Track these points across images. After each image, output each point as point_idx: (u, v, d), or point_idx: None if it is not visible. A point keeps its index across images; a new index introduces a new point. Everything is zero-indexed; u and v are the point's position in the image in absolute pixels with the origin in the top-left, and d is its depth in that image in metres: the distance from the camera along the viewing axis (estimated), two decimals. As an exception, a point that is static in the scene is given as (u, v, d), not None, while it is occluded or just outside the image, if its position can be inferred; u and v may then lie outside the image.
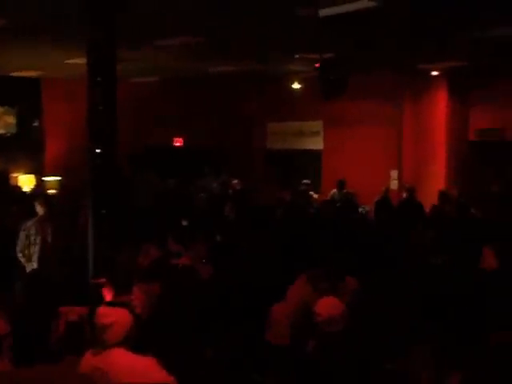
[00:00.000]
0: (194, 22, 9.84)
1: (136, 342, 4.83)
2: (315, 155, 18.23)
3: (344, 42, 11.26)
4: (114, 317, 4.67)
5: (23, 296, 7.57)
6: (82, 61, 8.17)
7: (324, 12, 8.72)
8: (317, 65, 12.02)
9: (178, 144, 19.93)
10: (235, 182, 16.43)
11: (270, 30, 10.38)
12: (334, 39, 11.00)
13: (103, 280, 7.31)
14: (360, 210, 13.24)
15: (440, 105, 15.87)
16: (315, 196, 15.23)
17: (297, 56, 13.10)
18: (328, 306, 5.35)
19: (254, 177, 17.99)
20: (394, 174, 16.47)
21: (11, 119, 17.84)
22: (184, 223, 10.75)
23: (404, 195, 13.87)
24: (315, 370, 5.11)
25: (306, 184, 15.29)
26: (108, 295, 6.34)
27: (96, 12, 7.25)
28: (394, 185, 16.19)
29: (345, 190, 14.69)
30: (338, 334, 5.20)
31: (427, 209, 12.33)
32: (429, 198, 13.37)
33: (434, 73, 15.32)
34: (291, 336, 6.43)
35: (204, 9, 8.83)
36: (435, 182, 15.42)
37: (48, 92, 17.91)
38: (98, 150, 7.06)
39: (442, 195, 12.99)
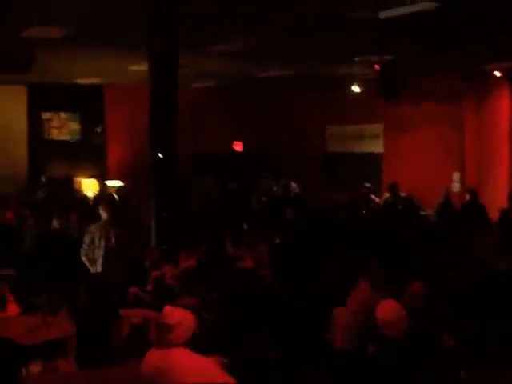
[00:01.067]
0: (252, 27, 9.88)
1: (199, 343, 4.87)
2: (375, 158, 18.10)
3: (404, 43, 11.17)
4: (179, 317, 4.71)
5: (87, 299, 7.72)
6: (144, 67, 8.29)
7: (384, 14, 8.69)
8: (377, 67, 11.95)
9: (237, 148, 20.03)
10: (294, 185, 16.44)
11: (330, 32, 10.35)
12: (394, 41, 10.92)
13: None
14: (422, 213, 13.09)
15: (503, 106, 15.60)
16: (377, 200, 15.12)
17: (357, 59, 13.03)
18: (388, 310, 5.31)
19: (312, 180, 17.94)
20: (457, 176, 16.23)
21: (75, 125, 18.20)
22: (244, 226, 10.82)
23: (467, 198, 13.66)
24: (375, 373, 5.08)
25: (367, 187, 15.18)
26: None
27: (158, 20, 7.36)
28: (456, 187, 15.94)
29: (404, 194, 14.50)
30: (399, 338, 5.16)
31: (491, 211, 12.13)
32: (492, 201, 13.14)
33: (497, 73, 15.06)
34: (352, 339, 6.42)
35: (263, 13, 8.86)
36: (498, 184, 15.15)
37: (110, 98, 18.21)
38: (159, 155, 7.15)
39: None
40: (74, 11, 8.48)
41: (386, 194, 15.02)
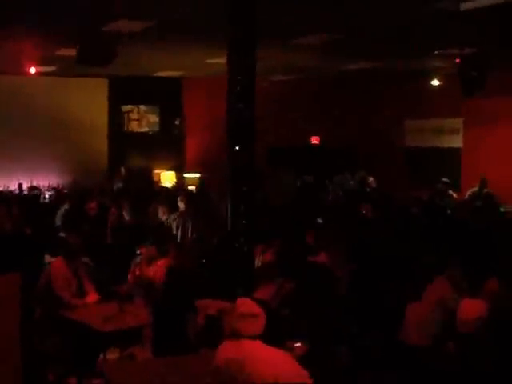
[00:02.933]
0: (333, 20, 9.84)
1: (271, 336, 4.90)
2: (454, 153, 17.80)
3: (485, 36, 10.93)
4: (253, 309, 4.74)
5: (163, 289, 7.85)
6: (222, 60, 8.34)
7: (465, 6, 8.53)
8: (457, 60, 11.74)
9: (315, 142, 20.00)
10: (371, 179, 16.31)
11: (409, 25, 10.22)
12: (475, 34, 10.71)
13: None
14: (502, 209, 12.81)
15: None
16: (454, 195, 14.86)
17: (436, 52, 12.82)
18: (472, 309, 5.24)
19: (391, 175, 17.76)
20: (539, 172, 15.81)
21: (154, 118, 18.48)
22: (319, 221, 10.77)
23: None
24: (454, 371, 5.03)
25: (445, 183, 14.93)
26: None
27: (236, 11, 7.38)
28: (538, 184, 15.53)
29: (486, 190, 14.22)
30: (479, 336, 5.09)
31: None
32: None
33: None
34: (428, 336, 6.34)
35: (344, 6, 8.81)
36: None
37: (188, 91, 18.42)
38: (237, 148, 7.19)
39: None
40: (156, 5, 8.60)
41: (474, 189, 14.72)
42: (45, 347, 7.28)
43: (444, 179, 15.10)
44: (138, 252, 8.83)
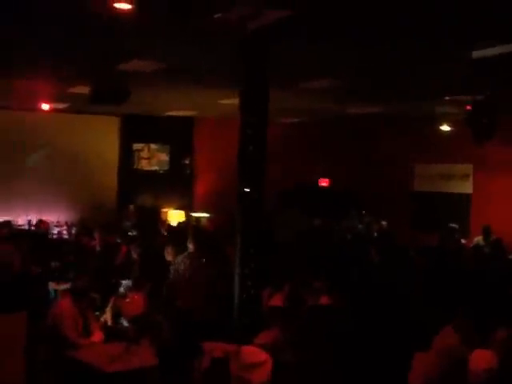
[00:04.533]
0: (344, 65, 9.92)
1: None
2: (464, 199, 17.76)
3: (496, 84, 10.99)
4: (260, 357, 4.72)
5: (170, 332, 7.80)
6: (234, 101, 8.40)
7: (477, 54, 8.59)
8: (468, 107, 11.77)
9: (324, 184, 20.02)
10: (384, 223, 16.29)
11: (421, 71, 10.29)
12: (486, 81, 10.76)
13: None
14: (510, 257, 12.74)
15: None
16: (463, 241, 14.79)
17: (447, 98, 12.88)
18: (483, 360, 5.19)
19: (399, 219, 17.72)
20: (548, 221, 15.75)
21: (164, 156, 18.57)
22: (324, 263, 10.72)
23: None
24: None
25: (454, 229, 14.88)
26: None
27: (250, 55, 7.45)
28: (547, 233, 15.45)
29: (493, 237, 14.15)
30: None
31: None
32: None
33: None
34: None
35: (355, 52, 8.88)
36: None
37: (200, 130, 18.53)
38: (247, 190, 7.19)
39: None
40: (169, 47, 8.70)
41: (479, 238, 14.68)
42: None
43: (453, 225, 15.06)
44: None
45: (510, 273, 10.70)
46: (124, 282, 9.38)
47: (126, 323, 8.34)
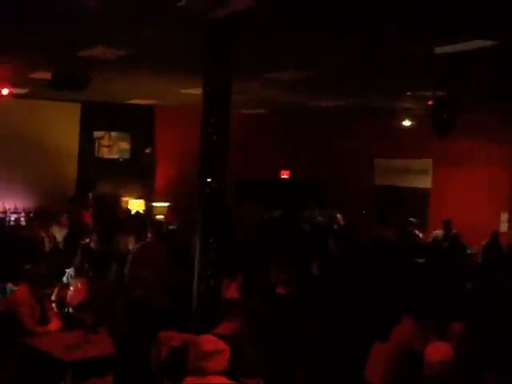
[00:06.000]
0: (306, 58, 9.93)
1: (236, 371, 4.86)
2: (423, 194, 17.96)
3: (458, 79, 11.11)
4: (216, 345, 4.71)
5: (126, 320, 7.77)
6: (197, 91, 8.36)
7: (439, 50, 8.68)
8: (430, 102, 11.89)
9: (284, 176, 20.07)
10: (339, 216, 16.38)
11: (383, 66, 10.35)
12: (448, 77, 10.87)
13: None
14: (468, 251, 12.93)
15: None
16: (420, 235, 14.96)
17: (409, 93, 12.99)
18: (439, 352, 5.25)
19: (359, 212, 17.85)
20: (505, 216, 16.00)
21: (125, 145, 18.41)
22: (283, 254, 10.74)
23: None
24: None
25: (412, 223, 15.04)
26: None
27: (213, 45, 7.42)
28: (504, 228, 15.71)
29: (454, 231, 14.33)
30: (445, 379, 5.09)
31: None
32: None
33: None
34: (392, 377, 6.32)
35: (317, 45, 8.90)
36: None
37: (161, 119, 18.40)
38: (208, 180, 7.16)
39: None
40: (132, 35, 8.62)
41: (437, 232, 14.85)
42: (2, 374, 7.14)
43: (411, 219, 15.22)
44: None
45: (468, 266, 10.86)
46: (68, 270, 9.30)
47: (71, 310, 8.31)
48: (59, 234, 12.19)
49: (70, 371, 7.02)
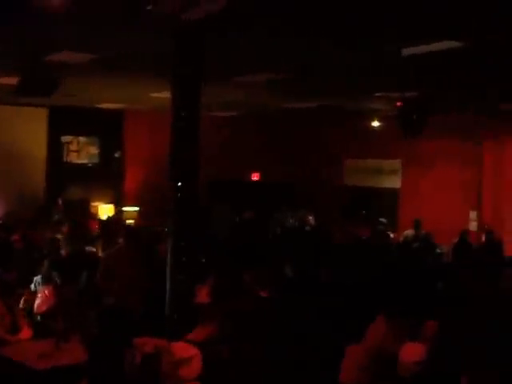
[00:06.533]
0: (277, 60, 9.93)
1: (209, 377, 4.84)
2: (392, 193, 18.07)
3: (427, 80, 11.18)
4: (189, 352, 4.69)
5: (98, 327, 7.68)
6: (166, 95, 8.32)
7: (407, 51, 8.71)
8: (398, 103, 11.96)
9: (255, 178, 20.06)
10: (310, 217, 16.40)
11: (351, 67, 10.38)
12: (417, 78, 10.93)
13: None
14: (438, 251, 13.01)
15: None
16: (391, 235, 15.04)
17: (378, 94, 13.04)
18: (412, 353, 5.27)
19: (330, 213, 17.90)
20: (474, 215, 16.16)
21: (94, 150, 18.28)
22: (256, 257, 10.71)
23: (483, 238, 13.60)
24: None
25: (383, 223, 15.11)
26: None
27: (183, 47, 7.39)
28: (473, 226, 15.86)
29: (423, 231, 14.43)
30: (418, 380, 5.11)
31: (509, 250, 12.05)
32: (510, 239, 13.08)
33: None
34: (364, 377, 6.33)
35: (288, 47, 8.91)
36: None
37: (130, 123, 18.31)
38: (179, 184, 7.13)
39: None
40: (100, 39, 8.55)
41: (408, 231, 14.94)
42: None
43: (381, 219, 15.29)
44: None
45: (439, 266, 10.92)
46: (35, 277, 9.20)
47: (39, 318, 8.21)
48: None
49: (43, 380, 6.93)
